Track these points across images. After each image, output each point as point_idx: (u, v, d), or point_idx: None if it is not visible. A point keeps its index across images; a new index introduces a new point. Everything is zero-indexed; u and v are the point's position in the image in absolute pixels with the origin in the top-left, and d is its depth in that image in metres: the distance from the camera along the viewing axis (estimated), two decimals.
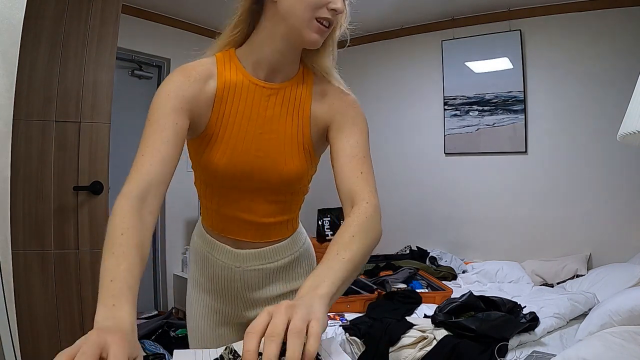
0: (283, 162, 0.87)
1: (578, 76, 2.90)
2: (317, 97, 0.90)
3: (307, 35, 0.81)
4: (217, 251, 0.98)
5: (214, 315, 1.02)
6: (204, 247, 1.00)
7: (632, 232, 2.67)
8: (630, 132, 0.94)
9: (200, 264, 1.02)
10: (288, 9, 0.79)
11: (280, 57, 0.85)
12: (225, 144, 0.85)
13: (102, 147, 1.84)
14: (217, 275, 0.99)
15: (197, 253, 1.02)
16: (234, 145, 0.85)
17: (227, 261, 0.97)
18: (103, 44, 1.85)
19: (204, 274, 1.01)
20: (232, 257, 0.97)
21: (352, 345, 1.90)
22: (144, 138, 0.79)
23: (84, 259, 1.80)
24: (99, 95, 1.84)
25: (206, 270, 1.00)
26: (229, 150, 0.85)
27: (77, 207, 1.80)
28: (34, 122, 1.72)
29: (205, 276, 1.01)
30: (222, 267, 0.98)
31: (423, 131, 3.52)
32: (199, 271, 1.02)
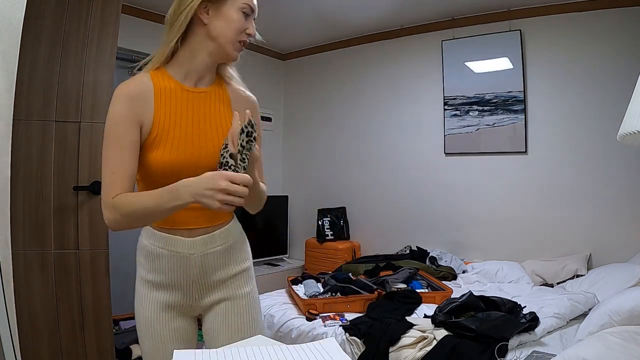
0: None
1: (578, 76, 2.90)
2: (232, 95, 1.13)
3: (231, 53, 1.06)
4: (171, 244, 1.06)
5: (168, 311, 1.10)
6: (157, 244, 1.07)
7: (632, 232, 2.67)
8: (630, 132, 0.94)
9: (152, 263, 1.09)
10: (218, 31, 1.02)
11: (206, 68, 1.07)
12: (170, 142, 1.02)
13: None
14: (172, 268, 1.07)
15: (148, 253, 1.09)
16: (178, 141, 1.02)
17: (183, 251, 1.06)
18: (103, 44, 1.85)
19: (157, 272, 1.08)
20: (188, 245, 1.07)
21: (352, 345, 1.90)
22: (108, 158, 0.98)
23: (84, 259, 1.80)
24: (99, 95, 1.84)
25: (160, 267, 1.08)
26: (174, 145, 1.02)
27: (77, 207, 1.80)
28: (34, 122, 1.72)
29: (159, 273, 1.08)
30: (178, 258, 1.07)
31: (423, 131, 3.52)
32: (151, 271, 1.09)
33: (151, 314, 1.09)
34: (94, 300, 1.82)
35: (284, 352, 0.79)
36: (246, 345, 0.85)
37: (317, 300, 2.26)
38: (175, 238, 1.06)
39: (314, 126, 4.18)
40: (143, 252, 1.10)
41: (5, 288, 1.55)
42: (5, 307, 1.53)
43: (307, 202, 4.06)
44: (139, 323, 1.11)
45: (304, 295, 2.39)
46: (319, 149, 4.13)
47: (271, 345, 0.85)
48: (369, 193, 3.80)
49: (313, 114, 4.15)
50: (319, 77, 4.11)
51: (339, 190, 3.95)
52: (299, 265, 3.87)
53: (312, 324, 2.08)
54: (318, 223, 3.78)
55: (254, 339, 0.93)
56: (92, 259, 1.82)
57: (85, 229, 1.81)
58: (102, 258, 1.84)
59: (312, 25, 3.60)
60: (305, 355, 0.78)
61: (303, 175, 4.19)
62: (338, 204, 3.89)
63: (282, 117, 4.35)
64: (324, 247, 3.68)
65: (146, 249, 1.09)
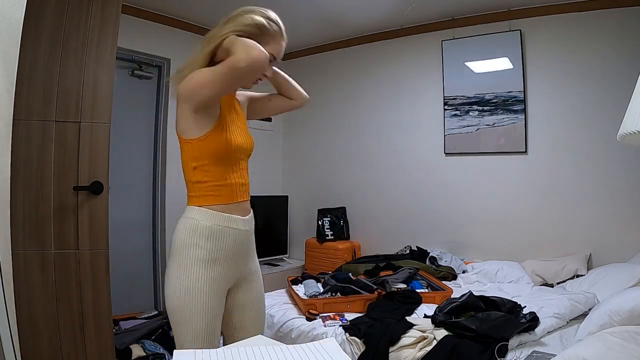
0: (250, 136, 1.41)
1: (578, 76, 2.90)
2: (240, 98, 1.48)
3: (248, 84, 1.39)
4: (233, 222, 1.29)
5: (222, 284, 1.29)
6: (220, 223, 1.27)
7: (632, 232, 2.67)
8: (630, 132, 0.94)
9: (214, 242, 1.26)
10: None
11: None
12: (230, 129, 1.31)
13: (102, 147, 1.84)
14: (233, 245, 1.30)
15: (210, 234, 1.26)
16: (234, 129, 1.32)
17: (241, 227, 1.31)
18: (103, 44, 1.85)
19: (220, 249, 1.27)
20: (243, 223, 1.32)
21: (352, 345, 1.90)
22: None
23: (84, 259, 1.80)
24: (99, 95, 1.84)
25: (222, 244, 1.27)
26: (234, 132, 1.32)
27: (77, 207, 1.80)
28: (34, 122, 1.72)
29: (222, 252, 1.27)
30: (237, 234, 1.30)
31: (423, 131, 3.52)
32: (215, 249, 1.26)
33: (206, 291, 1.24)
34: (94, 300, 1.81)
35: (284, 352, 0.79)
36: (246, 345, 0.85)
37: (317, 300, 2.26)
38: (234, 217, 1.29)
39: (314, 126, 4.18)
40: (205, 234, 1.25)
41: (5, 288, 1.55)
42: (5, 307, 1.53)
43: (307, 202, 4.06)
44: (187, 304, 1.23)
45: (304, 295, 2.39)
46: (319, 149, 4.13)
47: (271, 345, 0.85)
48: (369, 193, 3.80)
49: (313, 114, 4.15)
50: (319, 77, 4.11)
51: (339, 190, 3.95)
52: (299, 265, 3.87)
53: (312, 324, 2.08)
54: (318, 223, 3.78)
55: (254, 339, 0.93)
56: (92, 259, 1.82)
57: (85, 229, 1.81)
58: (102, 258, 1.84)
59: (312, 25, 3.60)
60: (305, 355, 0.78)
61: (303, 175, 4.19)
62: (338, 204, 3.89)
63: (282, 117, 4.35)
64: (324, 247, 3.68)
65: (209, 231, 1.25)
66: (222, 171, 1.28)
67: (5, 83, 1.58)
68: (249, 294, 1.40)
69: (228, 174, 1.29)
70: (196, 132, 1.24)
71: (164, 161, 3.36)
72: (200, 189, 1.27)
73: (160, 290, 3.37)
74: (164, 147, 3.36)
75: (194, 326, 1.23)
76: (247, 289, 1.39)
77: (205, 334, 1.24)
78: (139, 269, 3.31)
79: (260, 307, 1.45)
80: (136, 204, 3.30)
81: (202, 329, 1.23)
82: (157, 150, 3.38)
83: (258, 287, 1.43)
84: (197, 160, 1.26)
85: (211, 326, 1.25)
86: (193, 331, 1.23)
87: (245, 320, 1.40)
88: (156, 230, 3.38)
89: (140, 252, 3.33)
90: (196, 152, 1.25)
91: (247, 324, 1.40)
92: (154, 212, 3.38)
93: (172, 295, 1.25)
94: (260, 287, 1.45)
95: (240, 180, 1.33)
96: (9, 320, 1.54)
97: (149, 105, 3.38)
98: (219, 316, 1.28)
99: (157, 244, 3.38)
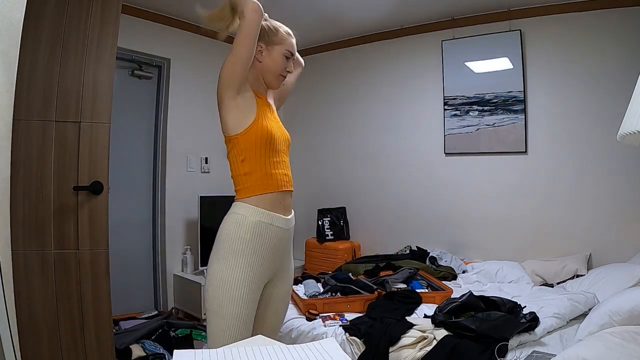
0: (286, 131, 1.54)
1: (578, 76, 2.90)
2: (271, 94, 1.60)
3: (275, 84, 1.51)
4: (275, 220, 1.38)
5: (259, 282, 1.37)
6: (264, 220, 1.36)
7: (632, 232, 2.67)
8: (630, 132, 0.94)
9: (258, 237, 1.35)
10: (267, 68, 1.46)
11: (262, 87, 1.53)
12: (269, 122, 1.43)
13: (102, 147, 1.84)
14: (274, 242, 1.38)
15: (255, 229, 1.35)
16: (272, 124, 1.44)
17: (283, 226, 1.40)
18: (103, 44, 1.85)
19: (263, 246, 1.36)
20: (285, 222, 1.42)
21: (352, 345, 1.90)
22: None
23: (84, 259, 1.80)
24: (99, 95, 1.84)
25: (265, 241, 1.36)
26: (272, 126, 1.44)
27: (77, 207, 1.80)
28: (34, 122, 1.72)
29: (264, 247, 1.36)
30: (278, 232, 1.39)
31: (423, 131, 3.52)
32: (258, 243, 1.36)
33: (244, 282, 1.32)
34: (94, 300, 1.81)
35: (284, 352, 0.79)
36: (246, 345, 0.85)
37: (317, 300, 2.26)
38: (276, 215, 1.38)
39: (313, 126, 4.18)
40: (251, 229, 1.34)
41: (5, 288, 1.55)
42: (5, 307, 1.53)
43: (307, 202, 4.06)
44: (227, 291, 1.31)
45: (304, 295, 2.39)
46: (318, 149, 4.13)
47: (271, 345, 0.85)
48: (369, 193, 3.80)
49: (313, 114, 4.15)
50: (319, 77, 4.11)
51: (339, 190, 3.95)
52: (299, 265, 3.87)
53: (312, 324, 2.08)
54: (318, 223, 3.78)
55: (254, 339, 0.93)
56: (92, 259, 1.81)
57: (85, 229, 1.81)
58: (102, 258, 1.84)
59: (312, 25, 3.60)
60: (305, 355, 0.78)
61: (303, 175, 4.19)
62: (338, 204, 3.89)
63: (282, 117, 4.32)
64: (324, 247, 3.68)
65: (254, 225, 1.35)
66: (266, 162, 1.39)
67: (5, 83, 1.58)
68: (276, 291, 1.47)
69: (272, 164, 1.40)
70: (241, 126, 1.36)
71: (164, 161, 3.36)
72: (247, 180, 1.38)
73: (160, 290, 3.37)
74: (164, 146, 3.36)
75: (228, 318, 1.30)
76: (275, 286, 1.47)
77: (238, 326, 1.30)
78: (139, 269, 3.31)
79: (283, 306, 1.52)
80: (136, 204, 3.30)
81: (235, 321, 1.30)
82: (157, 150, 3.38)
83: (286, 287, 1.51)
84: (243, 152, 1.37)
85: (244, 319, 1.31)
86: (227, 322, 1.30)
87: (265, 315, 1.47)
88: (156, 230, 3.38)
89: (140, 252, 3.33)
90: (242, 145, 1.37)
91: (266, 319, 1.47)
92: (154, 212, 3.38)
93: (211, 285, 1.33)
94: (288, 288, 1.53)
95: (283, 170, 1.43)
96: (9, 320, 1.54)
97: (149, 105, 3.38)
98: (253, 311, 1.34)
99: (157, 244, 3.38)
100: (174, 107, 3.38)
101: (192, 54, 3.47)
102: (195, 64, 3.49)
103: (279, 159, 1.43)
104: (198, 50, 3.47)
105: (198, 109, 3.44)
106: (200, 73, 3.47)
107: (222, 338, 1.29)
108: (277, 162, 1.42)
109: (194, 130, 3.47)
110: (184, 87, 3.43)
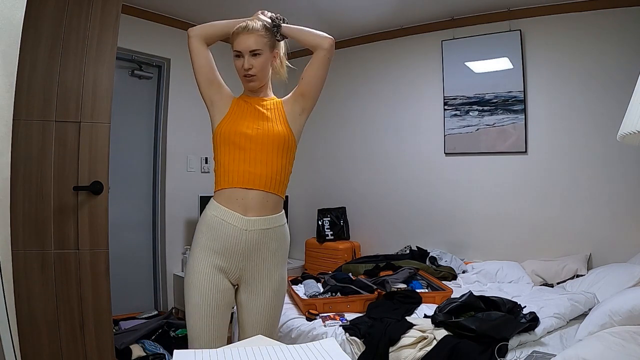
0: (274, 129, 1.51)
1: (578, 76, 2.90)
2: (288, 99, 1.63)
3: (245, 86, 1.51)
4: (229, 217, 1.39)
5: (219, 274, 1.40)
6: (217, 214, 1.40)
7: (632, 232, 2.67)
8: (630, 132, 0.94)
9: (211, 233, 1.40)
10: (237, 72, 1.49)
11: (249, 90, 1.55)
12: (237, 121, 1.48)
13: (102, 147, 1.84)
14: (230, 239, 1.39)
15: (209, 223, 1.41)
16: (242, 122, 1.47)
17: (238, 225, 1.39)
18: (103, 44, 1.85)
19: (218, 241, 1.39)
20: (243, 222, 1.39)
21: (352, 345, 1.90)
22: None
23: (84, 259, 1.80)
24: (99, 95, 1.84)
25: (219, 236, 1.39)
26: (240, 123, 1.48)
27: (77, 207, 1.80)
28: (34, 122, 1.72)
29: (218, 242, 1.39)
30: (232, 229, 1.38)
31: (423, 131, 3.52)
32: (211, 237, 1.40)
33: (203, 276, 1.39)
34: (94, 300, 1.81)
35: (284, 352, 0.79)
36: (246, 345, 0.85)
37: (317, 300, 2.26)
38: (232, 213, 1.40)
39: (314, 126, 4.17)
40: (206, 222, 1.42)
41: (5, 288, 1.55)
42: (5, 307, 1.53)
43: (307, 202, 4.06)
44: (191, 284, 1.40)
45: (304, 295, 2.39)
46: (319, 149, 4.12)
47: (271, 345, 0.85)
48: (369, 193, 3.80)
49: (313, 114, 4.13)
50: None
51: (339, 190, 3.95)
52: (299, 265, 3.87)
53: (312, 324, 2.08)
54: (318, 223, 3.78)
55: (253, 339, 0.93)
56: (92, 259, 1.82)
57: (85, 229, 1.81)
58: (102, 258, 1.84)
59: (312, 26, 3.57)
60: (305, 355, 0.78)
61: (303, 175, 4.19)
62: (338, 204, 3.89)
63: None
64: (324, 247, 3.68)
65: (209, 220, 1.42)
66: (226, 159, 1.43)
67: (5, 83, 1.58)
68: (252, 297, 1.45)
69: (233, 161, 1.42)
70: (213, 126, 1.49)
71: (164, 161, 3.36)
72: (215, 175, 1.47)
73: (160, 290, 3.37)
74: (164, 147, 3.36)
75: (189, 305, 1.39)
76: (250, 292, 1.45)
77: (198, 313, 1.37)
78: (139, 269, 3.31)
79: (265, 316, 1.45)
80: (136, 204, 3.30)
81: (195, 309, 1.37)
82: (157, 150, 3.38)
83: (266, 295, 1.44)
84: (215, 149, 1.46)
85: (204, 309, 1.36)
86: (189, 310, 1.39)
87: (245, 321, 1.46)
88: (156, 230, 3.38)
89: (140, 252, 3.33)
90: (214, 142, 1.47)
91: (247, 325, 1.46)
92: (154, 212, 3.38)
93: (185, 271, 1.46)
94: (270, 297, 1.45)
95: (247, 167, 1.41)
96: (9, 320, 1.53)
97: (149, 105, 3.38)
98: (213, 302, 1.37)
99: (157, 244, 3.38)
100: (174, 107, 3.38)
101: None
102: None
103: (245, 157, 1.41)
104: None
105: (198, 109, 3.40)
106: None
107: (189, 320, 1.39)
108: (241, 159, 1.41)
109: (194, 130, 3.46)
110: (184, 87, 3.42)
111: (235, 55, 1.45)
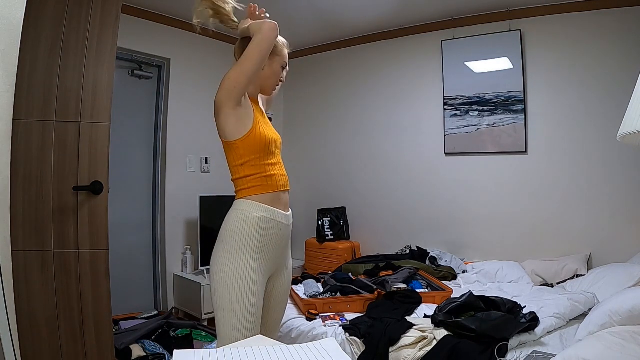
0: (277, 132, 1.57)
1: (578, 76, 2.90)
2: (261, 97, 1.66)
3: (271, 91, 1.60)
4: (276, 215, 1.43)
5: (265, 273, 1.42)
6: (267, 215, 1.41)
7: (632, 232, 2.67)
8: (630, 132, 0.94)
9: (263, 232, 1.40)
10: (266, 77, 1.53)
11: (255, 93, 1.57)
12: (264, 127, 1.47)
13: (102, 147, 1.84)
14: (276, 236, 1.44)
15: (259, 224, 1.40)
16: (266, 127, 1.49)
17: (283, 221, 1.45)
18: (103, 44, 1.85)
19: (267, 241, 1.41)
20: (285, 217, 1.47)
21: (352, 345, 1.90)
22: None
23: (84, 259, 1.80)
24: (99, 95, 1.84)
25: (268, 236, 1.42)
26: (267, 129, 1.48)
27: (77, 207, 1.80)
28: (34, 122, 1.72)
29: (267, 242, 1.41)
30: (279, 227, 1.44)
31: (423, 131, 3.52)
32: (262, 238, 1.40)
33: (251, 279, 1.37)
34: (94, 300, 1.81)
35: (284, 352, 0.79)
36: (246, 345, 0.85)
37: (317, 300, 2.26)
38: (278, 211, 1.44)
39: (314, 126, 4.18)
40: (255, 225, 1.39)
41: (5, 288, 1.55)
42: (5, 307, 1.53)
43: (307, 202, 4.06)
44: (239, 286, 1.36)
45: (304, 295, 2.39)
46: (318, 149, 4.13)
47: (271, 345, 0.85)
48: (369, 193, 3.80)
49: (313, 114, 4.15)
50: (319, 77, 4.11)
51: (339, 190, 3.95)
52: (299, 265, 3.87)
53: (312, 324, 2.08)
54: (318, 223, 3.78)
55: (254, 339, 0.93)
56: (92, 259, 1.82)
57: (85, 229, 1.81)
58: (102, 258, 1.84)
59: (312, 25, 3.60)
60: (305, 355, 0.78)
61: (303, 175, 4.19)
62: (338, 204, 3.89)
63: (282, 117, 4.35)
64: (324, 247, 3.68)
65: (258, 223, 1.40)
66: (265, 165, 1.45)
67: (5, 83, 1.58)
68: (277, 286, 1.52)
69: (270, 167, 1.46)
70: (240, 133, 1.40)
71: (164, 161, 3.36)
72: (249, 182, 1.43)
73: (160, 290, 3.37)
74: (164, 147, 3.36)
75: (240, 312, 1.33)
76: (276, 281, 1.52)
77: (250, 319, 1.34)
78: (139, 269, 3.31)
79: (284, 300, 1.57)
80: (136, 204, 3.30)
81: (248, 314, 1.33)
82: (157, 150, 3.38)
83: (285, 284, 1.56)
84: (243, 157, 1.42)
85: (256, 311, 1.35)
86: (239, 316, 1.33)
87: (267, 310, 1.51)
88: (156, 230, 3.38)
89: (140, 252, 3.33)
90: (241, 150, 1.42)
91: (268, 314, 1.51)
92: (154, 212, 3.38)
93: (218, 282, 1.36)
94: (287, 286, 1.57)
95: (280, 171, 1.49)
96: (9, 320, 1.54)
97: (149, 105, 3.38)
98: (261, 303, 1.39)
99: (157, 244, 3.38)
100: (174, 107, 3.38)
101: (192, 54, 3.47)
102: (195, 64, 3.49)
103: (275, 161, 1.49)
104: (198, 50, 3.47)
105: (198, 109, 3.44)
106: (200, 73, 3.47)
107: (235, 332, 1.32)
108: (274, 164, 1.48)
109: (194, 130, 3.47)
110: (184, 87, 3.43)
111: (281, 66, 1.53)
